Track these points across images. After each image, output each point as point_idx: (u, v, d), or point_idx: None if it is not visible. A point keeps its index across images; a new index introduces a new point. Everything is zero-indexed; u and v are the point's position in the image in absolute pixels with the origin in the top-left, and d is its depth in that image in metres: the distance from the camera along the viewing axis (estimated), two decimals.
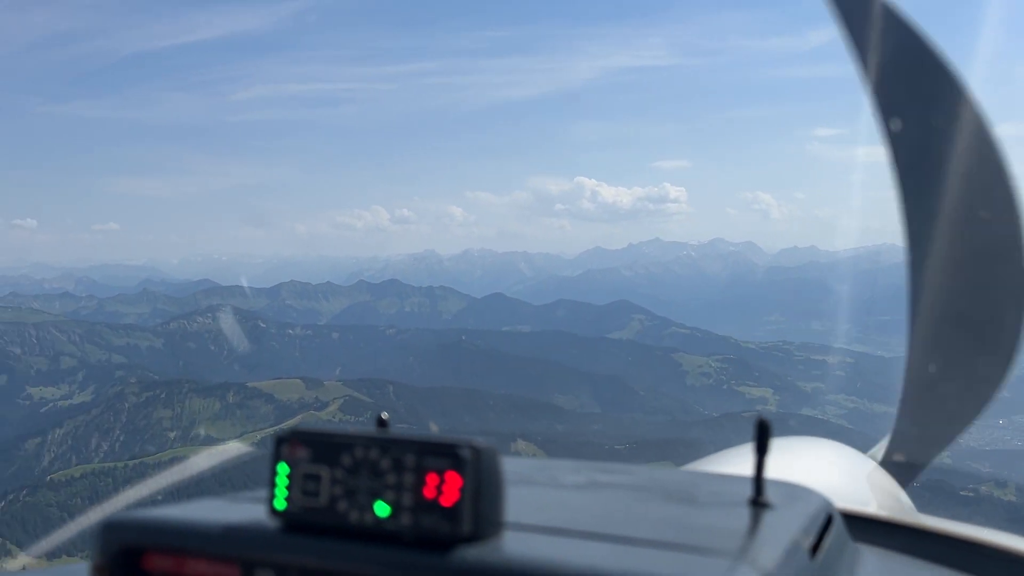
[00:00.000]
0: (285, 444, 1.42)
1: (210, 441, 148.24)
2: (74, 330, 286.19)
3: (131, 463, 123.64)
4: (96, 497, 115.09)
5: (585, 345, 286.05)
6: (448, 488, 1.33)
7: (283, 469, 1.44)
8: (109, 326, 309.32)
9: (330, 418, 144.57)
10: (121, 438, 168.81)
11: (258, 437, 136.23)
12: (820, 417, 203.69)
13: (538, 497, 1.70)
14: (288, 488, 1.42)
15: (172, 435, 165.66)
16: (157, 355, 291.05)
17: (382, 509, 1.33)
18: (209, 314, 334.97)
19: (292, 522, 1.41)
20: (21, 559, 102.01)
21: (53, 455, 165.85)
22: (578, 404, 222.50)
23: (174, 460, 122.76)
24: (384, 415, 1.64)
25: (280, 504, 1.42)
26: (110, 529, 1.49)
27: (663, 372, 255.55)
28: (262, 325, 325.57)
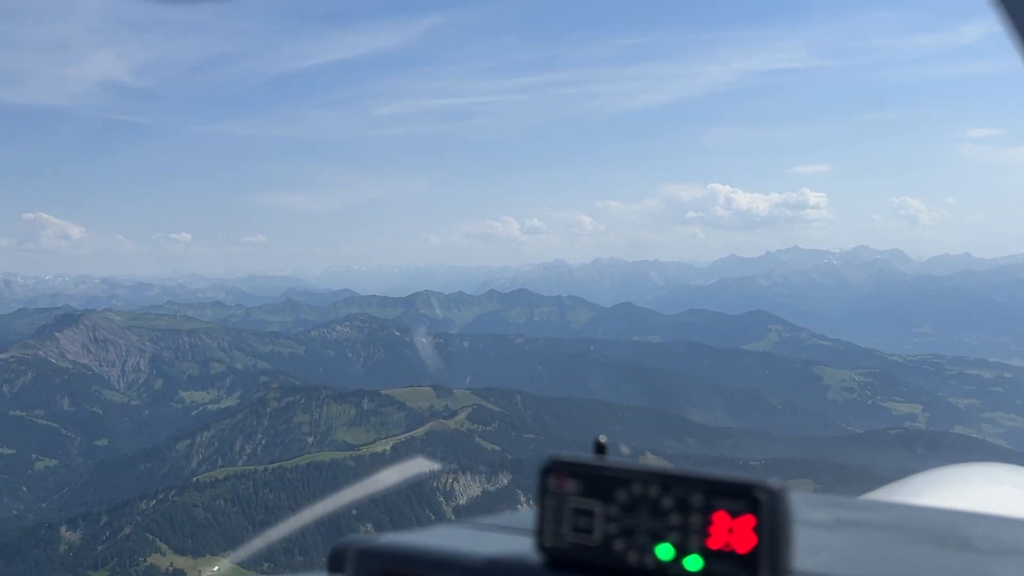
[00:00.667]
0: (552, 475, 1.41)
1: (347, 447, 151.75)
2: (223, 337, 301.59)
3: (271, 467, 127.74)
4: (237, 499, 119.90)
5: (719, 357, 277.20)
6: (741, 532, 1.25)
7: (550, 501, 1.44)
8: (255, 333, 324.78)
9: (458, 427, 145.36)
10: (263, 442, 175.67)
11: (390, 444, 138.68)
12: (975, 436, 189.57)
13: (801, 537, 1.47)
14: (556, 522, 1.41)
15: (310, 440, 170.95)
16: (299, 362, 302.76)
17: (665, 552, 1.28)
18: (347, 323, 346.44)
19: (561, 559, 1.39)
20: (170, 557, 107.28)
21: (201, 456, 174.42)
22: (711, 418, 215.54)
23: (311, 465, 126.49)
24: (602, 438, 1.58)
25: (548, 539, 1.41)
26: (367, 557, 1.53)
27: (802, 386, 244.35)
28: (397, 333, 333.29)
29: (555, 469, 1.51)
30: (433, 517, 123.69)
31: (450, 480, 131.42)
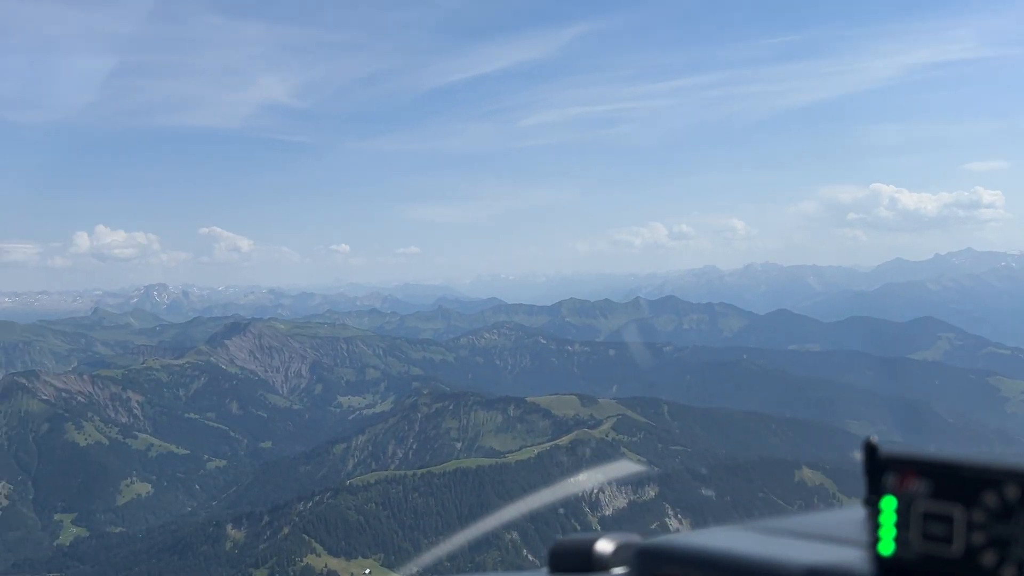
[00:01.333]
0: (892, 473, 1.18)
1: (494, 454, 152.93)
2: (378, 344, 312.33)
3: (419, 472, 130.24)
4: (388, 503, 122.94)
5: (883, 366, 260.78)
6: None
7: (890, 504, 1.22)
8: (408, 341, 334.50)
9: (603, 436, 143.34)
10: (414, 446, 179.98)
11: (535, 452, 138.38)
12: None
13: None
14: (899, 528, 1.19)
15: (459, 446, 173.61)
16: (449, 368, 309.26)
17: None
18: (495, 331, 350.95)
19: (906, 571, 1.19)
20: (324, 558, 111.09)
21: (356, 460, 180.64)
22: (875, 431, 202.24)
23: (457, 471, 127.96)
24: (873, 438, 1.39)
25: (887, 548, 1.19)
26: (649, 557, 1.46)
27: (977, 398, 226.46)
28: (543, 341, 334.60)
29: (897, 466, 1.29)
30: (579, 527, 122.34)
31: (595, 490, 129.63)
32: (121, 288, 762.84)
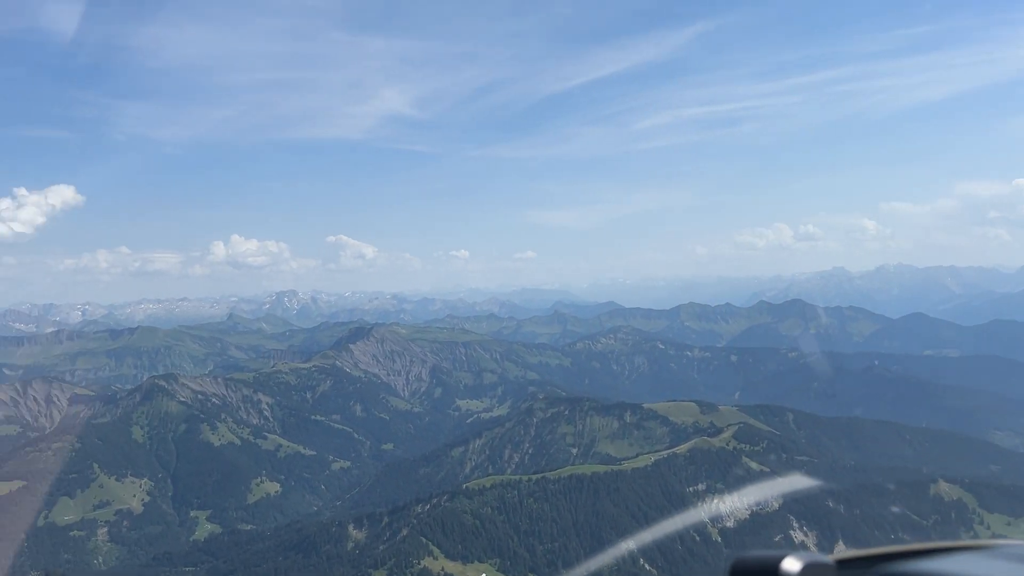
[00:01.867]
0: None
1: (610, 460, 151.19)
2: (495, 349, 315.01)
3: (534, 477, 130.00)
4: (503, 507, 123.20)
5: None
6: None
7: None
8: (525, 345, 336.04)
9: (723, 445, 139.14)
10: (530, 451, 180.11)
11: (652, 460, 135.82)
12: None
13: None
14: None
15: (574, 451, 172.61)
16: (565, 373, 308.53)
17: None
18: (611, 335, 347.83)
19: None
20: (441, 561, 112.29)
21: (473, 463, 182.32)
22: (1020, 442, 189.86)
23: (572, 478, 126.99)
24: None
25: None
26: None
27: None
28: (661, 346, 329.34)
29: None
30: (698, 538, 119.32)
31: (715, 501, 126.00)
32: (255, 294, 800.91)
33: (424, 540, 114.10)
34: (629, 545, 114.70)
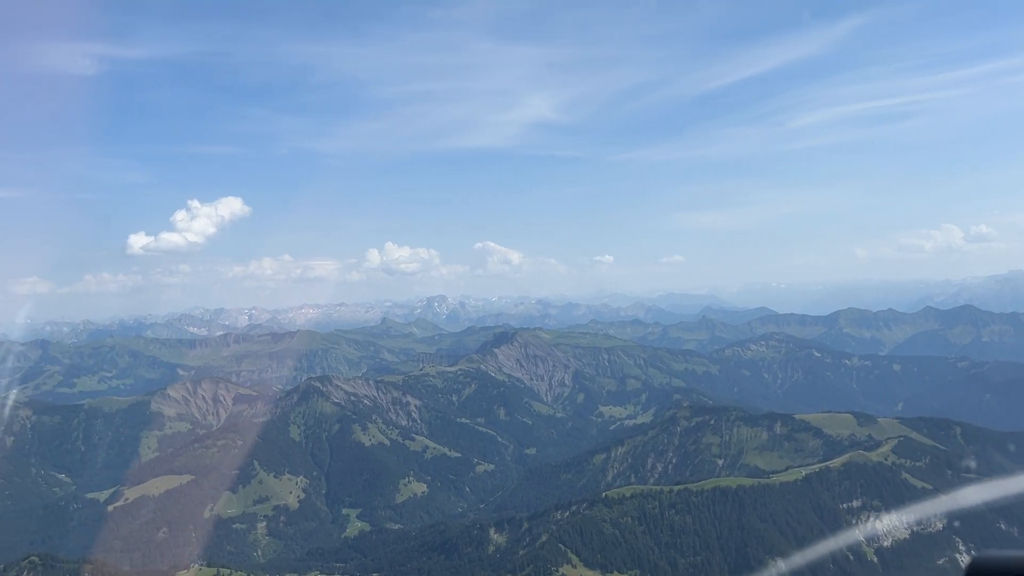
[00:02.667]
0: None
1: (758, 473, 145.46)
2: (639, 355, 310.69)
3: (676, 489, 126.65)
4: (643, 518, 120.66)
5: None
6: None
7: None
8: (670, 351, 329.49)
9: (881, 460, 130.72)
10: (673, 460, 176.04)
11: (803, 473, 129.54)
12: None
13: None
14: None
15: (720, 462, 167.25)
16: (713, 381, 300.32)
17: None
18: (763, 342, 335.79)
19: None
20: (580, 570, 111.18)
21: (616, 471, 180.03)
22: None
23: (716, 490, 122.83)
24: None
25: None
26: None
27: None
28: (816, 354, 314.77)
29: None
30: (852, 558, 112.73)
31: (871, 519, 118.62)
32: (407, 299, 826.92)
33: (563, 547, 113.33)
34: (777, 563, 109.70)
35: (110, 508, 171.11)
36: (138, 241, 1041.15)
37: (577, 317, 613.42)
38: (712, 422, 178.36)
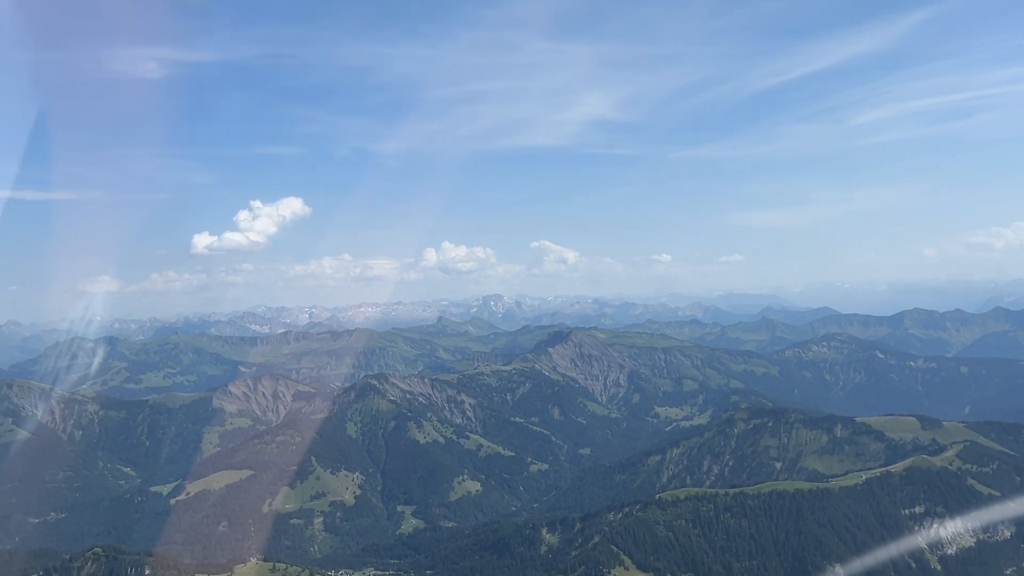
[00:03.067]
0: None
1: (817, 477, 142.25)
2: (696, 355, 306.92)
3: (731, 492, 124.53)
4: (698, 521, 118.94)
5: None
6: None
7: None
8: (728, 352, 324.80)
9: (946, 464, 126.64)
10: (730, 463, 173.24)
11: (863, 478, 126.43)
12: None
13: None
14: None
15: (778, 466, 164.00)
16: (772, 382, 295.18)
17: None
18: (824, 343, 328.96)
19: None
20: (632, 572, 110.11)
21: (671, 473, 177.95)
22: None
23: (773, 494, 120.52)
24: None
25: None
26: None
27: None
28: (880, 356, 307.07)
29: None
30: (914, 566, 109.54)
31: (935, 526, 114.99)
32: (463, 298, 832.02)
33: (615, 549, 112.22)
34: (836, 570, 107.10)
35: (172, 501, 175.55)
36: (202, 240, 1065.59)
37: (634, 317, 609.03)
38: (770, 424, 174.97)
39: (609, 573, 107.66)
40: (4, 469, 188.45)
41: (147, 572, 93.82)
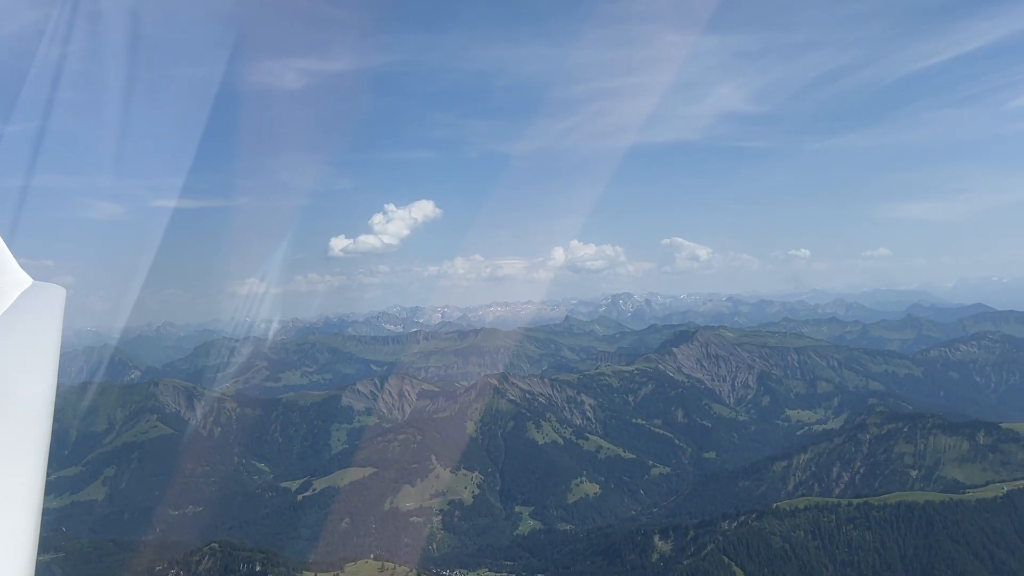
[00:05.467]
0: None
1: (955, 487, 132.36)
2: (832, 355, 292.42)
3: (855, 502, 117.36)
4: (818, 532, 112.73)
5: None
6: None
7: None
8: (868, 352, 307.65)
9: None
10: (861, 470, 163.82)
11: (1004, 490, 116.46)
12: None
13: None
14: None
15: (913, 474, 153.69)
16: (915, 384, 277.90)
17: None
18: (974, 342, 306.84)
19: None
20: None
21: (797, 479, 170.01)
22: None
23: (901, 505, 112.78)
24: None
25: None
26: None
27: None
28: None
29: None
30: None
31: None
32: (593, 297, 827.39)
33: (726, 560, 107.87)
34: None
35: (299, 498, 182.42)
36: (338, 244, 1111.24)
37: (770, 315, 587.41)
38: (905, 430, 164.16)
39: None
40: (149, 463, 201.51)
41: (258, 568, 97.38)
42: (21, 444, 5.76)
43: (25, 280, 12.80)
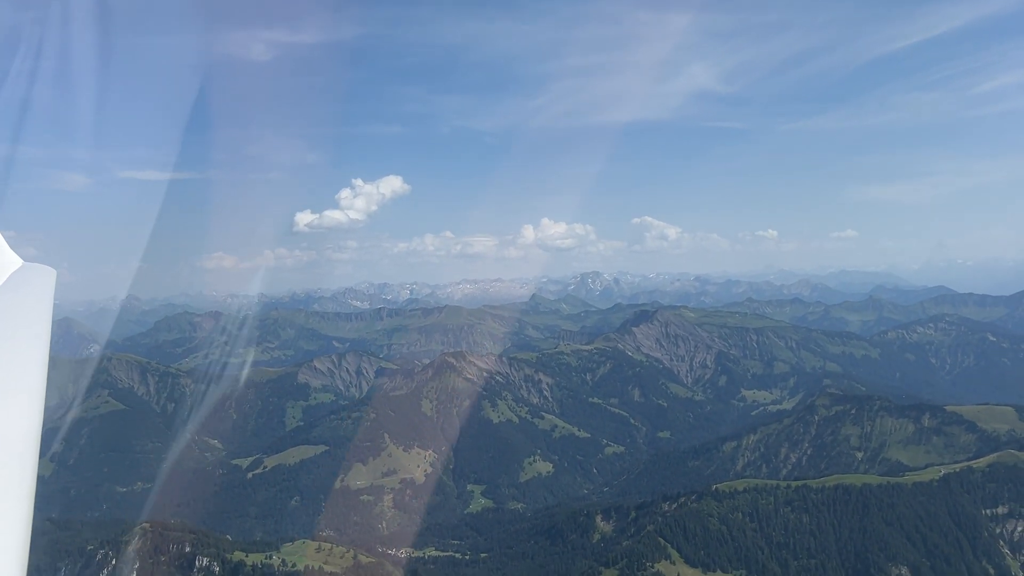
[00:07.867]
0: None
1: (898, 469, 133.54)
2: (791, 336, 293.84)
3: (794, 484, 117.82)
4: (756, 514, 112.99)
5: None
6: None
7: None
8: (826, 333, 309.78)
9: None
10: (808, 452, 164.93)
11: (940, 473, 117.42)
12: None
13: None
14: None
15: (859, 456, 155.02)
16: (872, 366, 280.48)
17: None
18: (931, 324, 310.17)
19: None
20: (679, 567, 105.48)
21: (746, 460, 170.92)
22: None
23: (838, 488, 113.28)
24: None
25: None
26: None
27: None
28: (991, 339, 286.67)
29: None
30: (993, 572, 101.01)
31: (1019, 528, 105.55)
32: (562, 275, 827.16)
33: (662, 542, 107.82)
34: (902, 573, 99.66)
35: (249, 475, 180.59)
36: (303, 219, 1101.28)
37: (736, 295, 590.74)
38: (853, 412, 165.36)
39: (653, 567, 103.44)
40: (98, 440, 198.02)
41: (187, 550, 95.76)
42: (13, 425, 5.92)
43: (15, 261, 12.79)
